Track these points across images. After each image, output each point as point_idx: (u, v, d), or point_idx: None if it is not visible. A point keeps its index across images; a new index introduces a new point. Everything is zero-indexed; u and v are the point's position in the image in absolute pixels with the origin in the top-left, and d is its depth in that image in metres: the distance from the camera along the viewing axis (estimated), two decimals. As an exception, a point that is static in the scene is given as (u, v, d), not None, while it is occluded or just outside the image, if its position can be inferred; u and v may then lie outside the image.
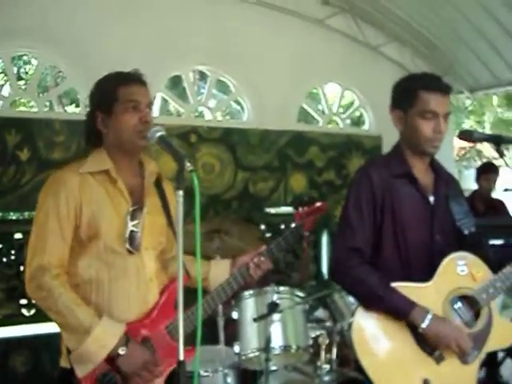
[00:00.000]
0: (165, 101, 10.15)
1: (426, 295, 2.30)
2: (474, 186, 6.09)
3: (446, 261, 2.34)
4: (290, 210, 4.82)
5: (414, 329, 2.27)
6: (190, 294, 1.92)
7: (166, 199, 2.46)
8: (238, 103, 8.21)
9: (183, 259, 2.26)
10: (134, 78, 2.38)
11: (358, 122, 11.65)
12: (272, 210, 6.24)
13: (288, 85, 6.26)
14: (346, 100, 8.43)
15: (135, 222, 2.31)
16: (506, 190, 6.68)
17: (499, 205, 5.92)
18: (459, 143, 11.36)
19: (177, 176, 1.86)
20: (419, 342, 2.27)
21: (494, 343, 2.37)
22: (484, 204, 5.77)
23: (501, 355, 5.15)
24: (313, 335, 3.76)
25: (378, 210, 2.38)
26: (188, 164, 1.88)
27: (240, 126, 6.40)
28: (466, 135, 2.30)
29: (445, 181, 2.54)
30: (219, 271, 2.58)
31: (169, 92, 6.37)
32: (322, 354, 3.66)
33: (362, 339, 2.29)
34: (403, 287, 2.30)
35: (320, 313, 4.26)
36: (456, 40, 6.80)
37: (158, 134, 2.12)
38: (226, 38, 5.85)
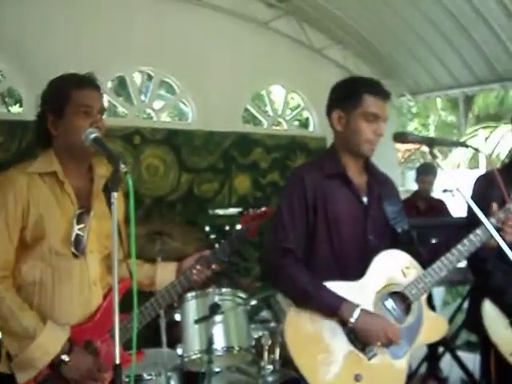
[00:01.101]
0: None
1: (358, 293, 2.33)
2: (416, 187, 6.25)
3: (377, 258, 2.39)
4: (234, 211, 4.85)
5: (345, 326, 2.30)
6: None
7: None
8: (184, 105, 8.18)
9: (129, 262, 2.25)
10: (87, 82, 2.34)
11: (306, 124, 11.78)
12: (220, 212, 6.24)
13: (233, 86, 6.27)
14: (295, 102, 8.52)
15: (81, 226, 2.28)
16: (444, 190, 6.85)
17: (440, 204, 6.08)
18: (405, 145, 11.62)
19: (111, 178, 1.85)
20: (351, 339, 2.31)
21: (425, 337, 2.43)
22: (425, 204, 5.92)
23: (441, 350, 5.29)
24: (255, 336, 3.79)
25: (310, 211, 2.41)
26: (123, 166, 1.86)
27: (184, 127, 6.38)
28: (400, 137, 2.35)
29: (378, 181, 2.58)
30: (166, 274, 2.58)
31: (112, 93, 6.29)
32: (265, 354, 3.68)
33: (295, 338, 2.31)
34: (335, 286, 2.33)
35: (266, 313, 4.29)
36: (398, 44, 6.96)
37: (93, 135, 2.10)
38: (170, 39, 5.83)
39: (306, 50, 6.92)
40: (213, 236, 3.12)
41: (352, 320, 2.26)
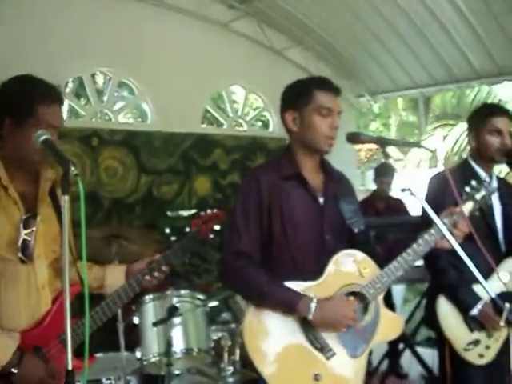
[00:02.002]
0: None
1: (316, 293, 2.33)
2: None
3: (334, 259, 2.40)
4: (194, 212, 4.84)
5: (304, 326, 2.30)
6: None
7: (60, 207, 2.39)
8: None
9: (78, 266, 2.22)
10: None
11: (268, 124, 11.83)
12: (184, 213, 6.20)
13: (192, 87, 6.24)
14: (258, 103, 8.53)
15: (28, 231, 2.23)
16: (403, 189, 6.91)
17: (398, 203, 6.13)
18: (368, 145, 11.75)
19: (62, 181, 1.83)
20: (310, 339, 2.31)
21: (382, 336, 2.45)
22: (383, 203, 5.97)
23: (401, 346, 5.37)
24: (215, 337, 3.79)
25: (265, 213, 2.40)
26: (73, 168, 1.83)
27: (143, 128, 6.33)
28: (352, 137, 2.36)
29: (334, 180, 2.59)
30: (115, 277, 2.54)
31: (72, 94, 6.21)
32: (225, 355, 3.68)
33: (253, 339, 2.30)
34: (293, 286, 2.32)
35: (226, 315, 4.29)
36: (357, 46, 7.04)
37: (42, 137, 2.06)
38: (129, 40, 5.76)
39: (266, 50, 6.94)
40: (173, 238, 3.11)
41: (310, 315, 2.25)
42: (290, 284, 2.32)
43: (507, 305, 2.26)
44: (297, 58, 7.18)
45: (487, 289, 2.19)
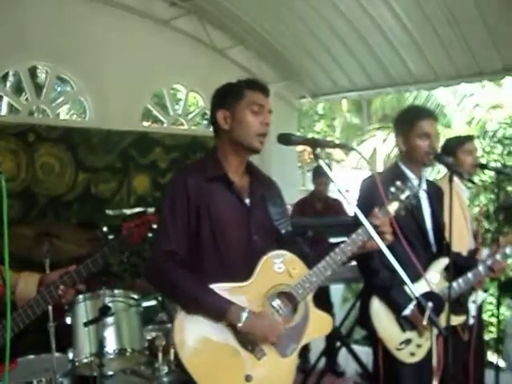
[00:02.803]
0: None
1: (246, 294, 2.34)
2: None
3: (263, 260, 2.40)
4: (133, 211, 4.78)
5: (234, 327, 2.30)
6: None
7: None
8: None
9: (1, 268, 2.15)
10: None
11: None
12: (127, 212, 6.11)
13: (133, 85, 6.17)
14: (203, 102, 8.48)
15: None
16: (339, 191, 6.99)
17: (336, 204, 6.19)
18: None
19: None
20: (240, 340, 2.31)
21: (311, 335, 2.48)
22: (322, 203, 6.03)
23: (338, 345, 5.45)
24: (149, 337, 3.75)
25: (192, 215, 2.40)
26: (-6, 166, 1.78)
27: (82, 125, 6.22)
28: (283, 139, 2.37)
29: (261, 183, 2.61)
30: (27, 286, 2.49)
31: (12, 89, 6.04)
32: (160, 355, 3.65)
33: (184, 341, 2.28)
34: (222, 288, 2.32)
35: (163, 315, 4.26)
36: (299, 48, 7.11)
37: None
38: (69, 35, 5.66)
39: (207, 49, 6.93)
40: (110, 237, 3.07)
41: (240, 324, 2.26)
42: (218, 285, 2.32)
43: (430, 304, 2.32)
44: (238, 57, 7.19)
45: (412, 289, 2.25)
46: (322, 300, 6.13)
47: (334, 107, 18.37)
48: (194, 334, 2.29)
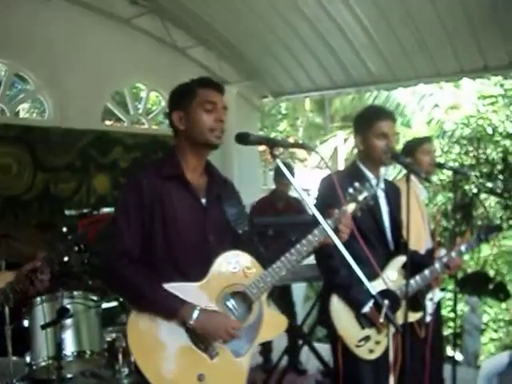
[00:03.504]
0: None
1: (200, 294, 2.34)
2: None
3: (218, 260, 2.41)
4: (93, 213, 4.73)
5: (187, 327, 2.30)
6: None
7: None
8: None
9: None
10: None
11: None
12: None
13: (93, 83, 6.12)
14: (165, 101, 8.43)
15: None
16: (303, 190, 7.04)
17: (298, 203, 6.21)
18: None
19: None
20: (193, 340, 2.31)
21: (265, 335, 2.48)
22: (283, 203, 6.03)
23: (300, 343, 5.48)
24: (109, 339, 3.72)
25: (146, 214, 2.38)
26: None
27: (40, 124, 6.12)
28: (241, 138, 2.37)
29: (218, 183, 2.60)
30: None
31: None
32: (120, 357, 3.63)
33: (137, 341, 2.27)
34: (176, 287, 2.32)
35: (125, 316, 4.22)
36: (260, 47, 7.14)
37: None
38: (27, 32, 5.57)
39: (168, 48, 6.91)
40: (70, 237, 3.03)
41: (191, 322, 2.26)
42: (172, 285, 2.31)
43: (386, 301, 2.35)
44: (200, 57, 7.19)
45: (368, 287, 2.28)
46: (284, 299, 6.20)
47: (297, 107, 18.45)
48: (146, 333, 2.28)
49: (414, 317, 3.19)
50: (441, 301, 4.18)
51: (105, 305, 3.89)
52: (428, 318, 3.69)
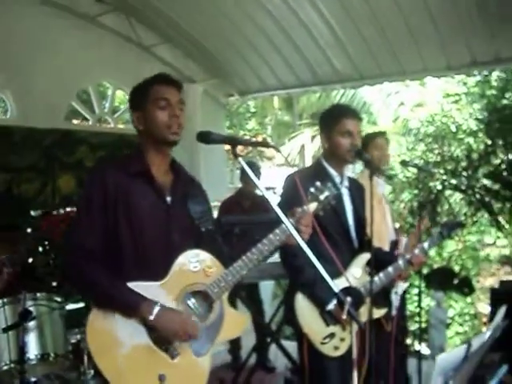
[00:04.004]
0: None
1: (161, 293, 2.33)
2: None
3: (179, 259, 2.40)
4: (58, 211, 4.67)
5: (147, 325, 2.28)
6: None
7: None
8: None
9: None
10: None
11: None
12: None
13: (57, 82, 6.01)
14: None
15: None
16: (267, 188, 7.06)
17: (264, 202, 6.21)
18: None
19: None
20: (154, 339, 2.30)
21: (226, 334, 2.49)
22: (249, 201, 6.04)
23: (268, 340, 5.50)
24: (74, 340, 3.68)
25: (110, 212, 2.37)
26: None
27: (2, 123, 6.00)
28: (202, 137, 2.36)
29: (184, 182, 2.60)
30: None
31: None
32: (85, 358, 3.59)
33: (96, 340, 2.25)
34: (137, 286, 2.30)
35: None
36: (226, 46, 7.12)
37: None
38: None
39: (134, 46, 6.85)
40: (33, 238, 2.99)
41: (151, 318, 2.25)
42: (133, 283, 2.30)
43: (348, 298, 2.38)
44: (166, 55, 7.14)
45: (331, 284, 2.29)
46: (252, 297, 6.22)
47: (265, 105, 18.43)
48: (106, 332, 2.26)
49: (378, 313, 3.23)
50: (406, 296, 4.24)
51: (70, 306, 3.84)
52: (394, 312, 3.75)
